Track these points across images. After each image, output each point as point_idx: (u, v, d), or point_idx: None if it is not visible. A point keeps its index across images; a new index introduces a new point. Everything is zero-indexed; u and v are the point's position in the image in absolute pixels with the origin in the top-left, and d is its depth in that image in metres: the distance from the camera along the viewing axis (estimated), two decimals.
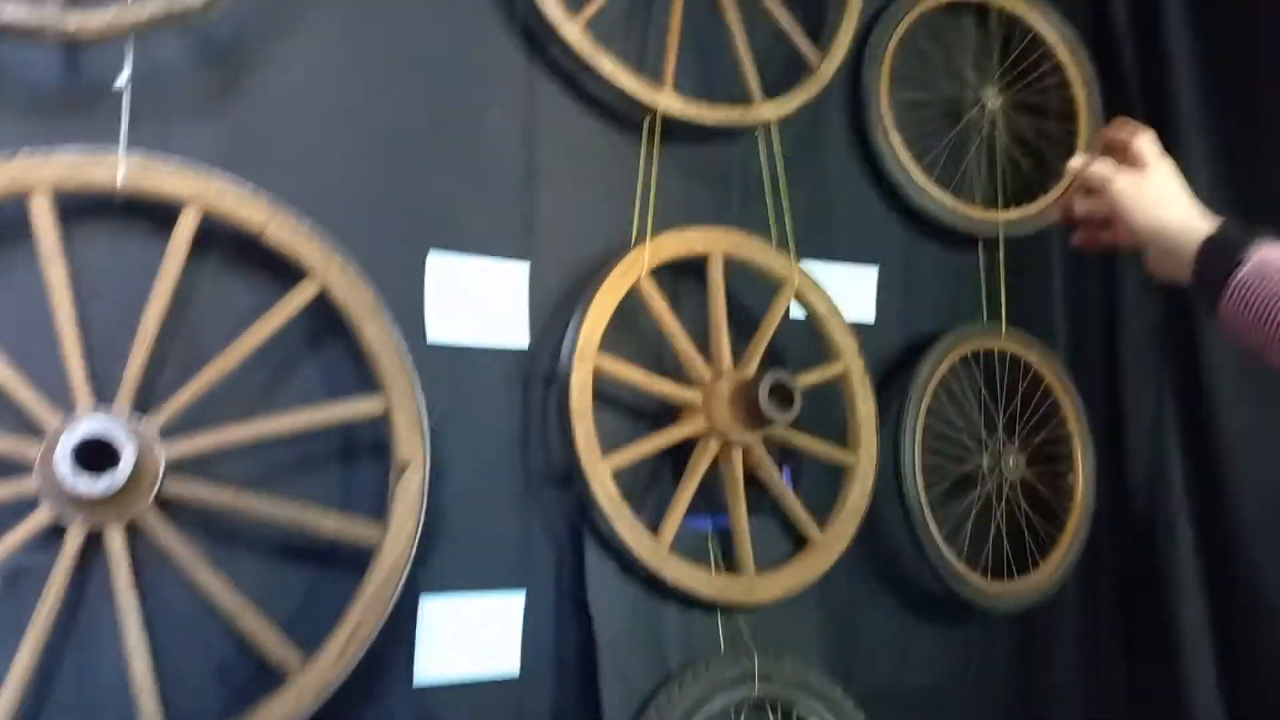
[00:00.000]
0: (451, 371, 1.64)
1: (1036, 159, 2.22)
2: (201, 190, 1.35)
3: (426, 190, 1.64)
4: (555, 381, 1.67)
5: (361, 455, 1.56)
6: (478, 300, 1.66)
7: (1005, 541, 2.09)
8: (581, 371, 1.61)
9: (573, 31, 1.67)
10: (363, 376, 1.50)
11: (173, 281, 1.36)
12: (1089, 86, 2.19)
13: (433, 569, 1.57)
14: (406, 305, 1.60)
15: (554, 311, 1.73)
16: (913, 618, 2.11)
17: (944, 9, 2.15)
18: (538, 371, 1.72)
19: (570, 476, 1.65)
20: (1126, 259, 2.26)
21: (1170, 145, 2.15)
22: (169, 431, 1.34)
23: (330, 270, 1.41)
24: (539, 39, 1.75)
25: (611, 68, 1.69)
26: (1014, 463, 2.09)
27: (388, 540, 1.40)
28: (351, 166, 1.58)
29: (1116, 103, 2.24)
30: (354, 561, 1.46)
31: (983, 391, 2.13)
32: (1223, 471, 2.11)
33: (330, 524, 1.41)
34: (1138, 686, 2.25)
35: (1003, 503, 2.10)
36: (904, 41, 2.08)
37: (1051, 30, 2.18)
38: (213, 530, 1.46)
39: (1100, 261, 2.30)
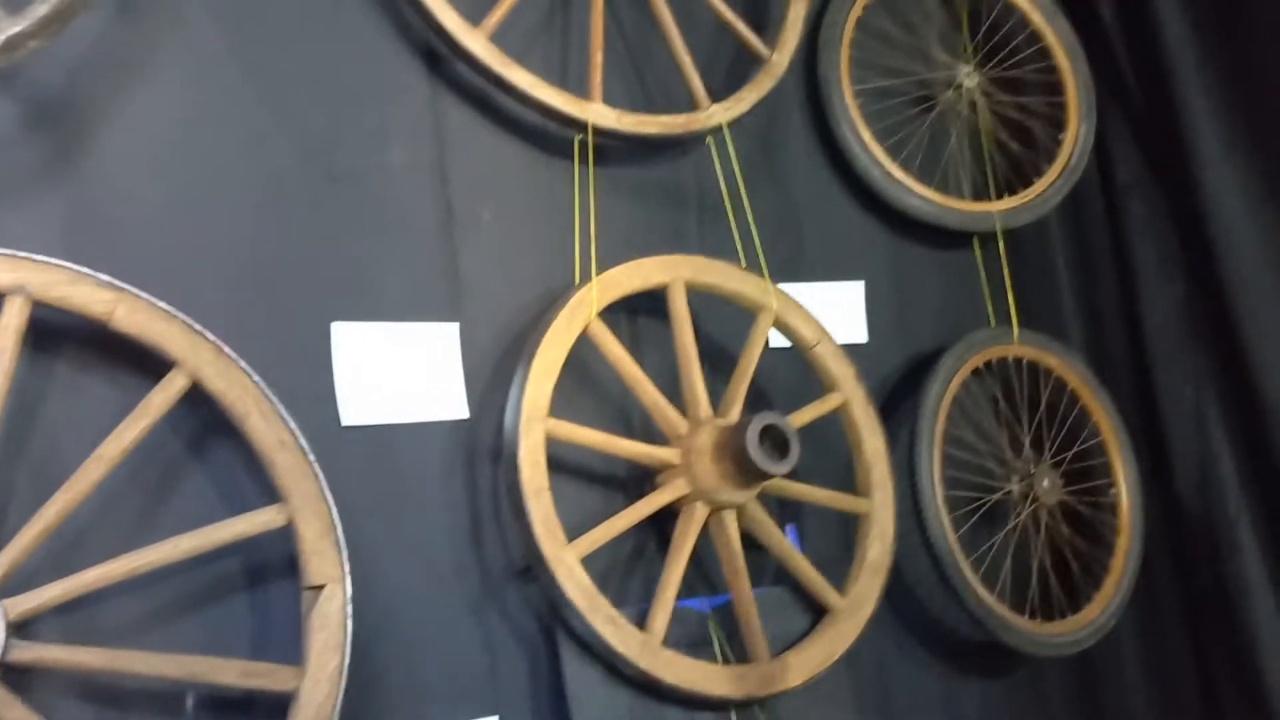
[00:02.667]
0: (378, 457, 1.37)
1: (1024, 139, 1.98)
2: (24, 278, 1.08)
3: (322, 251, 1.37)
4: (502, 456, 1.39)
5: (273, 575, 1.27)
6: (400, 372, 1.39)
7: (1050, 575, 1.82)
8: (530, 441, 1.33)
9: (477, 43, 1.42)
10: (265, 480, 1.22)
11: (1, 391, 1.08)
12: (1072, 54, 1.95)
13: (375, 708, 1.27)
14: (313, 387, 1.32)
15: (494, 374, 1.46)
16: (956, 674, 1.83)
17: None
18: (483, 446, 1.44)
19: (534, 569, 1.37)
20: (1136, 234, 2.01)
21: (1170, 116, 1.97)
22: (11, 585, 1.05)
23: (199, 356, 1.13)
24: (442, 58, 1.49)
25: (529, 80, 1.44)
26: (1048, 484, 1.81)
27: (306, 684, 1.11)
28: (224, 232, 1.31)
29: (1104, 70, 2.01)
30: (277, 708, 1.17)
31: (1002, 406, 1.86)
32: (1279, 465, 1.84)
33: (231, 674, 1.12)
34: (1218, 717, 1.97)
35: (1042, 531, 1.82)
36: (861, 24, 1.85)
37: None
38: (96, 694, 1.17)
39: (1109, 242, 2.05)
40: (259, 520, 1.14)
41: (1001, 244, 1.88)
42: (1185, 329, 1.97)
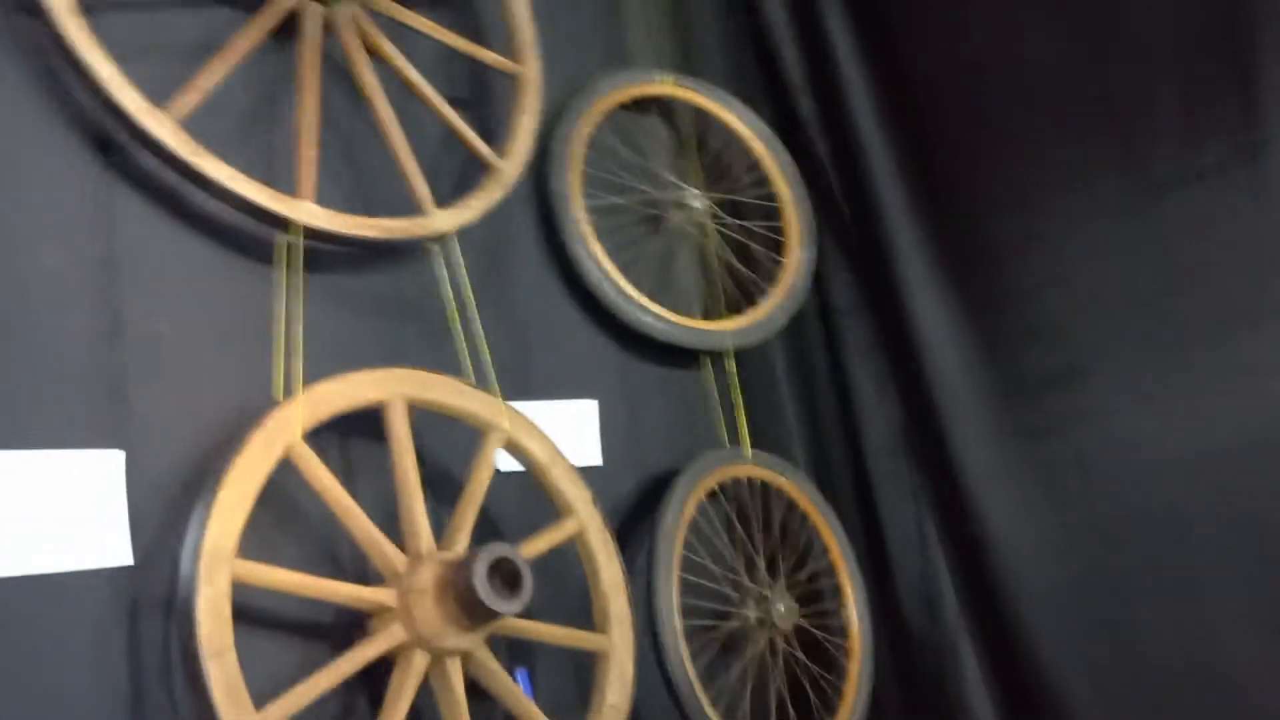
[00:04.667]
0: (5, 618, 1.09)
1: (747, 261, 2.01)
2: None
3: None
4: (175, 609, 1.16)
5: None
6: (38, 510, 1.13)
7: (788, 704, 1.76)
8: (212, 589, 1.11)
9: (164, 127, 1.23)
10: None
11: None
12: (793, 184, 2.02)
13: None
14: None
15: (169, 511, 1.23)
16: None
17: (629, 106, 1.92)
18: (151, 597, 1.20)
19: None
20: (854, 357, 2.08)
21: (879, 238, 2.08)
22: None
23: None
24: (119, 146, 1.29)
25: (227, 173, 1.27)
26: (784, 608, 1.77)
27: None
28: None
29: (823, 200, 2.09)
30: None
31: (737, 529, 1.82)
32: (994, 579, 1.91)
33: None
34: None
35: (779, 658, 1.77)
36: (592, 141, 1.82)
37: (743, 125, 2.01)
38: None
39: (829, 364, 2.10)
40: None
41: (733, 362, 1.88)
42: (902, 448, 2.03)
